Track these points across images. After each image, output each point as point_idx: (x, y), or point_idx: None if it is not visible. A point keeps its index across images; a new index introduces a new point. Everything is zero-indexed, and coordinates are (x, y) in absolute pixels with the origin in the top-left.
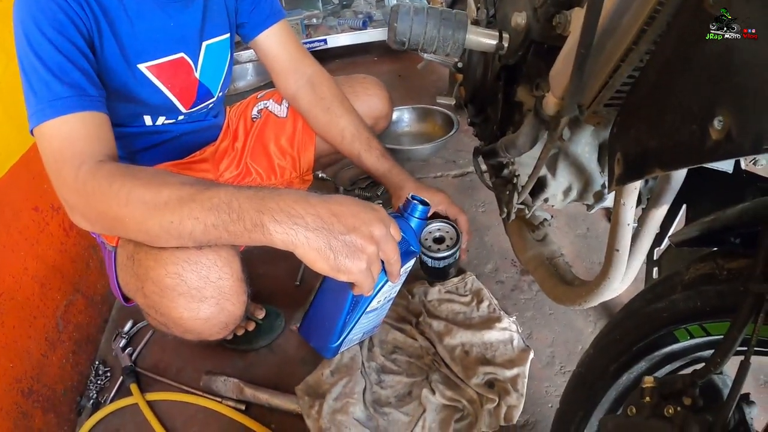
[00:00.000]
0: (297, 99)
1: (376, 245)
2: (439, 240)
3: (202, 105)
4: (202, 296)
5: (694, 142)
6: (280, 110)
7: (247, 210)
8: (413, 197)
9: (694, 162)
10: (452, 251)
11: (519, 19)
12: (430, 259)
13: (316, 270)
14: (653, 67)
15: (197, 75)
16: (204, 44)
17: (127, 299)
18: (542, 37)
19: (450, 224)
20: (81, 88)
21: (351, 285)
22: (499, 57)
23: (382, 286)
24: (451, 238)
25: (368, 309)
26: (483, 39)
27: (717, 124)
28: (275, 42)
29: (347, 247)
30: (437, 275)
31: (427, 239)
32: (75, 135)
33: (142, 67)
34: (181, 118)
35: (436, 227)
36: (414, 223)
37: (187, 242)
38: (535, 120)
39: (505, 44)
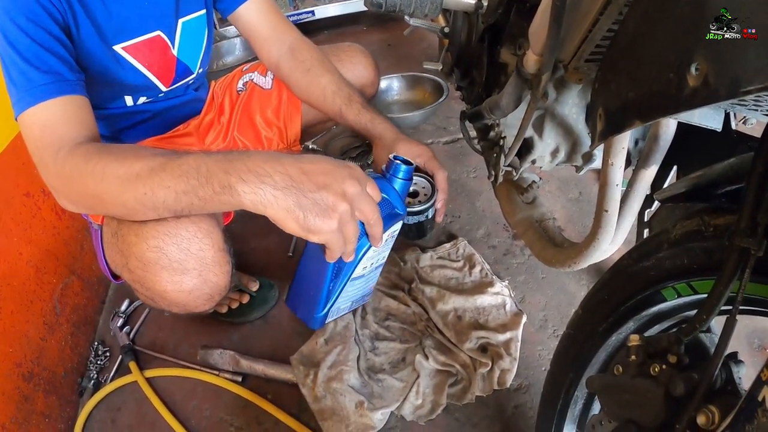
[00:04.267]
0: (279, 67)
1: (350, 204)
2: (412, 195)
3: (182, 82)
4: (184, 268)
5: (672, 90)
6: (265, 82)
7: (215, 173)
8: (395, 157)
9: (673, 110)
10: (424, 207)
11: None
12: None
13: (288, 231)
14: (632, 20)
15: (175, 53)
16: (180, 21)
17: (115, 276)
18: None
19: (427, 179)
20: (58, 73)
21: (323, 248)
22: (481, 19)
23: (366, 252)
24: (425, 194)
25: (353, 276)
26: None
27: (693, 70)
28: (255, 13)
29: (317, 205)
30: (408, 234)
31: None
32: (54, 120)
33: (119, 48)
34: (161, 95)
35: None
36: (397, 184)
37: (162, 212)
38: (518, 79)
39: (485, 2)
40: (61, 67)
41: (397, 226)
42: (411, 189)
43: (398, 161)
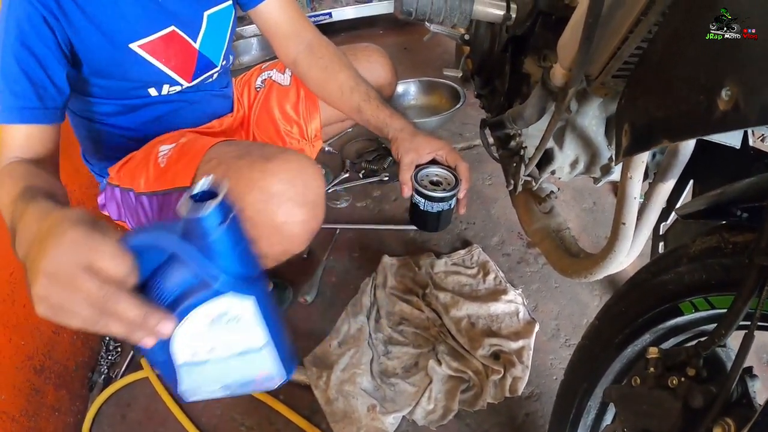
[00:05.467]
0: (297, 64)
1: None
2: (435, 184)
3: (204, 75)
4: (305, 201)
5: (702, 112)
6: (284, 79)
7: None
8: (192, 196)
9: (702, 132)
10: (449, 194)
11: None
12: (423, 201)
13: None
14: (662, 38)
15: (197, 46)
16: (206, 14)
17: None
18: (550, 7)
19: (449, 171)
20: (30, 100)
21: None
22: (506, 28)
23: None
24: (449, 184)
25: (190, 362)
26: (490, 9)
27: (724, 94)
28: (276, 9)
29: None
30: (428, 223)
31: (423, 180)
32: (11, 140)
33: (135, 46)
34: (186, 86)
35: (434, 172)
36: (215, 233)
37: None
38: (543, 91)
39: (513, 15)
40: (33, 95)
41: (220, 303)
42: (434, 179)
43: (193, 199)
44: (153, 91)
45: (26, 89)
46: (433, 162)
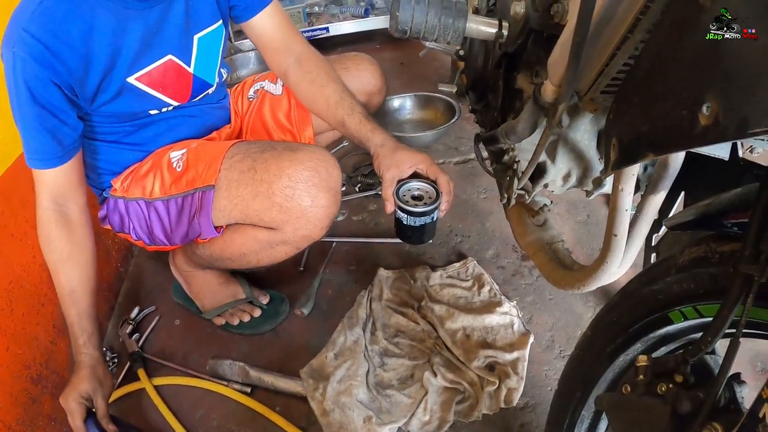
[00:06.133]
0: (287, 76)
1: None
2: (417, 198)
3: (200, 96)
4: (328, 186)
5: (685, 126)
6: (276, 88)
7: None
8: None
9: (685, 146)
10: (430, 208)
11: (518, 8)
12: (405, 216)
13: None
14: (647, 55)
15: (191, 70)
16: (195, 38)
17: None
18: (541, 25)
19: (430, 185)
20: (49, 149)
21: None
22: (499, 45)
23: None
24: (430, 197)
25: None
26: (483, 27)
27: (705, 110)
28: (269, 23)
29: None
30: (413, 237)
31: (405, 195)
32: (47, 183)
33: (132, 79)
34: (169, 109)
35: (416, 186)
36: None
37: None
38: (534, 107)
39: (505, 32)
40: (53, 142)
41: None
42: (415, 193)
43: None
44: (154, 111)
45: (46, 140)
46: (415, 175)
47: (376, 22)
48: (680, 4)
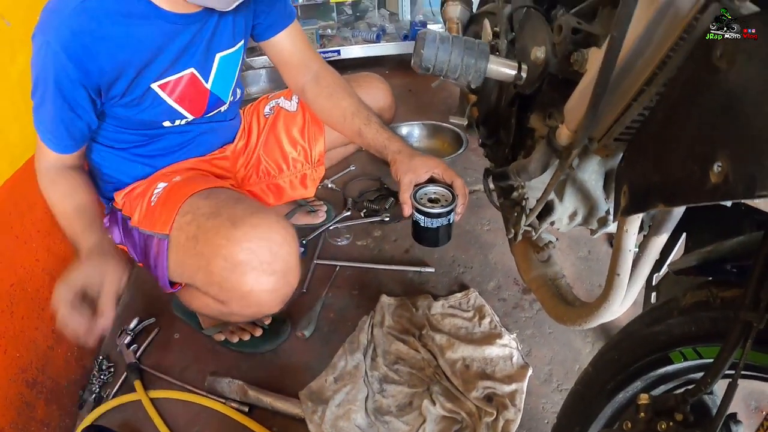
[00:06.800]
0: (304, 91)
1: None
2: (434, 201)
3: (213, 112)
4: (272, 270)
5: (695, 182)
6: (291, 105)
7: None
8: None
9: (695, 201)
10: (446, 209)
11: (538, 53)
12: (423, 218)
13: None
14: (662, 109)
15: (208, 86)
16: (218, 56)
17: (171, 284)
18: (560, 71)
19: (447, 189)
20: (61, 140)
21: None
22: (514, 85)
23: None
24: (446, 200)
25: None
26: (503, 69)
27: (716, 168)
28: (288, 42)
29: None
30: (429, 239)
31: (422, 198)
32: (45, 152)
33: (155, 85)
34: (196, 119)
35: (432, 190)
36: None
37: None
38: (548, 148)
39: (524, 75)
40: (67, 136)
41: None
42: (432, 196)
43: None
44: (167, 123)
45: (60, 131)
46: (431, 180)
47: (387, 48)
48: (696, 63)
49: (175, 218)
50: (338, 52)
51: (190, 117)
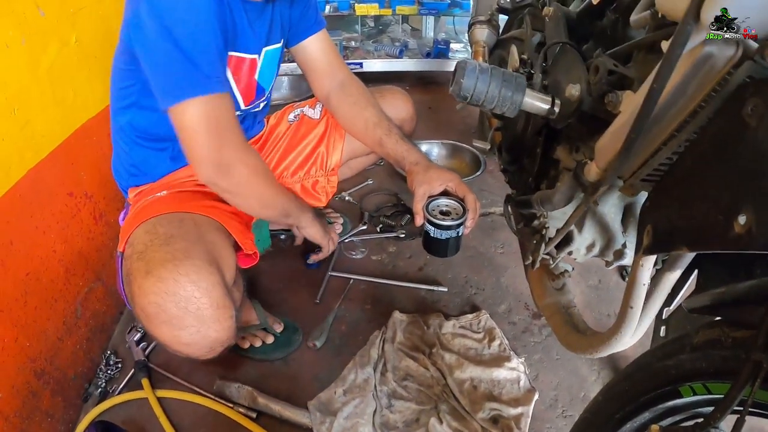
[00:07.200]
0: (329, 98)
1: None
2: (445, 213)
3: (255, 102)
4: (183, 324)
5: (720, 230)
6: (314, 113)
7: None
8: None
9: (718, 248)
10: (456, 222)
11: (573, 90)
12: (433, 229)
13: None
14: (690, 155)
15: (256, 77)
16: (264, 50)
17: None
18: (592, 110)
19: (458, 202)
20: (219, 73)
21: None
22: (551, 122)
23: None
24: (457, 214)
25: None
26: (537, 103)
27: (741, 220)
28: (317, 48)
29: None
30: (438, 250)
31: (434, 210)
32: (216, 112)
33: (232, 54)
34: (239, 113)
35: (444, 202)
36: None
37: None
38: (574, 182)
39: (557, 110)
40: (221, 66)
41: None
42: (444, 209)
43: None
44: None
45: (217, 63)
46: (445, 193)
47: (408, 64)
48: (727, 116)
49: (128, 239)
50: (361, 64)
51: (240, 102)
